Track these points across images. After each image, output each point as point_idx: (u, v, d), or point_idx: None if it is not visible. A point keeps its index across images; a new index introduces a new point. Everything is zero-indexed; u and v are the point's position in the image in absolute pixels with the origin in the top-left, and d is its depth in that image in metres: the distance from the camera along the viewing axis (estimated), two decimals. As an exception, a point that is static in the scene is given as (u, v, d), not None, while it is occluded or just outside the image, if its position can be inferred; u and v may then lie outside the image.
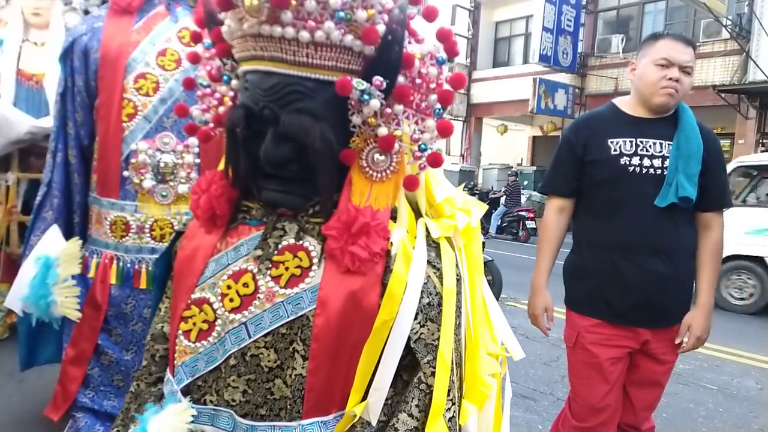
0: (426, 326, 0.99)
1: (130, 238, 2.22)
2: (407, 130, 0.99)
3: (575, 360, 2.15)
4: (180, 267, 1.09)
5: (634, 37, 15.36)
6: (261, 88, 0.95)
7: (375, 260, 0.97)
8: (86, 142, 2.30)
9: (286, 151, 0.95)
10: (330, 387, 0.98)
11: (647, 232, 1.97)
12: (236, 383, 0.99)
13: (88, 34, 2.23)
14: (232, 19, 0.95)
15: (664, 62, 1.95)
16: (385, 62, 0.95)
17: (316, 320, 0.96)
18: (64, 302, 2.04)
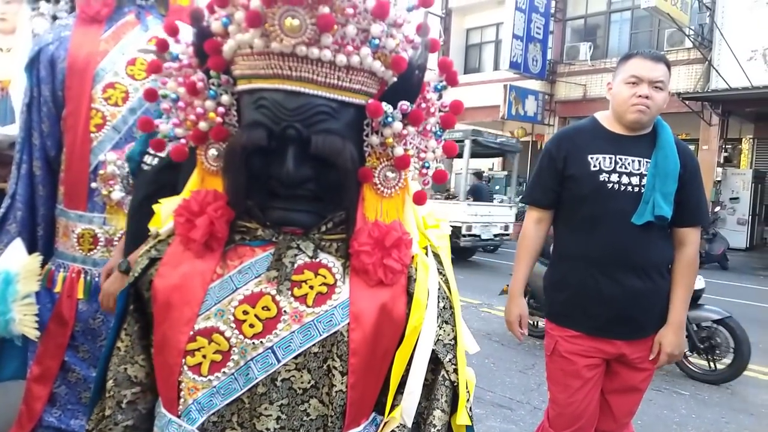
0: (443, 328, 1.06)
1: (98, 251, 2.17)
2: (412, 150, 1.04)
3: (553, 368, 2.18)
4: (169, 297, 1.00)
5: (601, 45, 15.74)
6: (287, 107, 0.93)
7: (404, 271, 1.02)
8: (53, 153, 2.25)
9: (307, 171, 0.94)
10: (366, 399, 1.00)
11: (624, 249, 2.00)
12: (269, 411, 0.96)
13: (55, 43, 2.18)
14: (253, 35, 0.92)
15: (634, 80, 2.00)
16: (407, 88, 0.99)
17: (352, 335, 0.97)
18: (22, 320, 1.99)
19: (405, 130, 1.00)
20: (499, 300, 6.84)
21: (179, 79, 1.04)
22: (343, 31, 0.92)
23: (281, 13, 0.90)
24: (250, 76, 0.97)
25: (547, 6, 15.50)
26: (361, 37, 0.94)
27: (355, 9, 0.92)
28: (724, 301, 7.09)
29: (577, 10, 16.46)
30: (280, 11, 0.90)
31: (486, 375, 4.39)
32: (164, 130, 1.05)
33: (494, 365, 4.70)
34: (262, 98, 0.95)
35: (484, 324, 5.98)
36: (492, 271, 9.47)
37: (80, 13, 2.22)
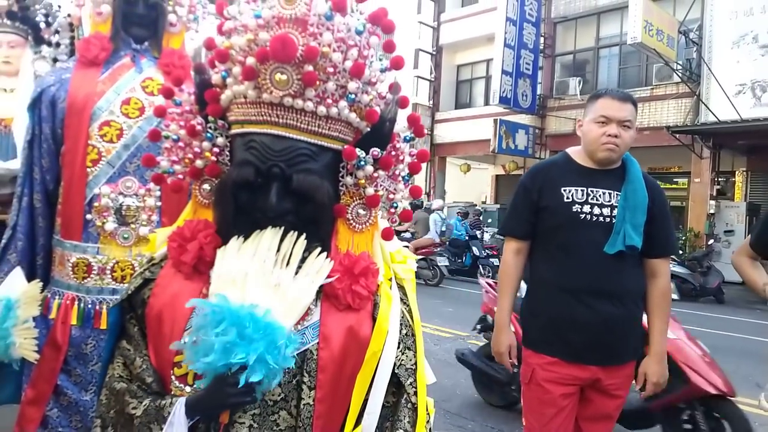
0: (405, 354, 1.19)
1: (91, 279, 2.28)
2: (382, 192, 1.21)
3: (530, 396, 2.26)
4: (159, 313, 1.12)
5: (590, 80, 16.10)
6: (273, 149, 1.09)
7: (370, 298, 1.16)
8: (51, 187, 2.38)
9: (287, 205, 1.10)
10: (333, 414, 1.11)
11: (597, 277, 2.10)
12: (242, 419, 1.06)
13: (56, 85, 2.34)
14: (247, 87, 1.09)
15: (603, 119, 2.11)
16: (378, 137, 1.18)
17: (321, 353, 1.09)
18: (22, 344, 2.09)
19: (376, 173, 1.18)
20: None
21: (180, 122, 1.22)
22: (325, 86, 1.09)
23: (272, 69, 1.07)
24: (243, 121, 1.14)
25: (536, 42, 15.93)
26: (339, 92, 1.12)
27: (335, 68, 1.10)
28: (719, 335, 7.15)
29: (565, 46, 16.90)
30: (271, 67, 1.07)
31: (470, 406, 4.44)
32: (164, 166, 1.24)
33: (479, 396, 4.75)
34: (252, 141, 1.11)
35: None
36: (480, 303, 9.52)
37: (80, 57, 2.39)
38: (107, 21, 2.42)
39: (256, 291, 1.03)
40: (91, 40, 2.38)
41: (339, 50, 1.09)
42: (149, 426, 1.04)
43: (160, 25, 2.48)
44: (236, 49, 1.12)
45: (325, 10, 1.07)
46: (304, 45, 1.07)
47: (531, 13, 15.65)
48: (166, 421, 1.02)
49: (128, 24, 2.41)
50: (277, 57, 1.05)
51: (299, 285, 1.07)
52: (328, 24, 1.08)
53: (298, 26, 1.08)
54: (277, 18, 1.08)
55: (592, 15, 16.02)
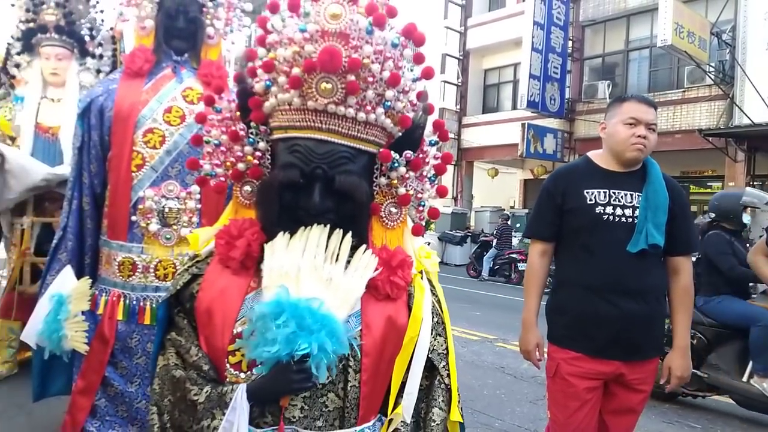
0: (437, 340, 1.30)
1: (136, 277, 2.43)
2: (411, 192, 1.31)
3: (554, 389, 2.32)
4: (209, 307, 1.20)
5: (620, 83, 15.89)
6: (316, 152, 1.18)
7: (406, 288, 1.26)
8: (99, 191, 2.54)
9: (329, 203, 1.18)
10: (375, 395, 1.21)
11: (620, 275, 2.16)
12: (294, 401, 1.14)
13: (104, 95, 2.50)
14: (293, 95, 1.19)
15: (633, 121, 2.18)
16: (410, 141, 1.29)
17: (364, 339, 1.18)
18: (73, 336, 2.24)
19: (407, 174, 1.28)
20: (514, 335, 6.88)
21: (222, 128, 1.32)
22: (364, 94, 1.20)
23: (318, 78, 1.17)
24: (287, 127, 1.23)
25: (564, 46, 15.80)
26: (377, 99, 1.22)
27: (374, 78, 1.20)
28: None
29: (594, 50, 16.72)
30: (317, 77, 1.17)
31: (497, 405, 4.49)
32: (207, 169, 1.34)
33: (505, 396, 4.79)
34: (296, 145, 1.20)
35: (498, 358, 6.07)
36: (507, 307, 9.52)
37: (126, 69, 2.55)
38: (150, 35, 2.58)
39: (310, 285, 1.11)
40: (135, 52, 2.54)
41: (377, 61, 1.18)
42: (212, 411, 1.11)
43: (199, 37, 2.63)
44: (281, 60, 1.20)
45: (366, 26, 1.16)
46: (347, 57, 1.15)
47: (559, 17, 15.55)
48: (228, 406, 1.09)
49: (169, 37, 2.56)
50: (324, 67, 1.14)
51: (350, 279, 1.16)
52: (368, 38, 1.17)
53: (341, 39, 1.17)
54: (321, 32, 1.17)
55: (621, 18, 15.83)
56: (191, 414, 1.15)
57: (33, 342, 2.29)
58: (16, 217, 3.74)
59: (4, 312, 3.83)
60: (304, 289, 1.10)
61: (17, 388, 3.74)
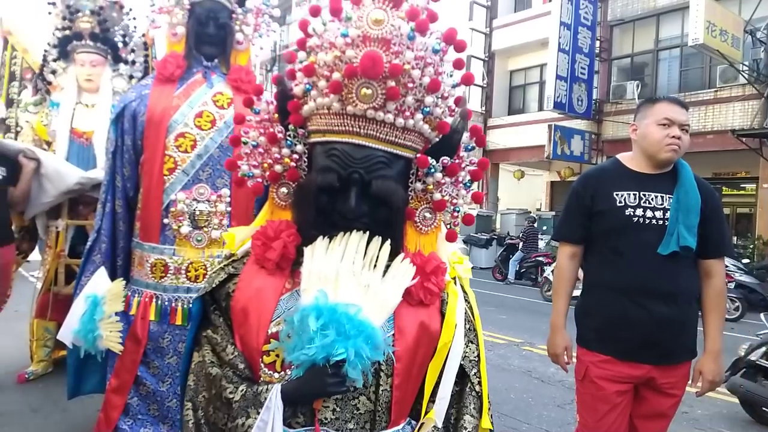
0: (469, 346, 1.28)
1: (168, 278, 2.48)
2: (446, 197, 1.30)
3: (584, 392, 2.30)
4: (245, 306, 1.21)
5: (649, 83, 15.61)
6: (354, 157, 1.18)
7: (440, 294, 1.26)
8: (131, 194, 2.60)
9: (364, 207, 1.19)
10: (406, 399, 1.21)
11: (651, 278, 2.13)
12: (326, 403, 1.15)
13: (137, 100, 2.56)
14: (332, 99, 1.20)
15: (666, 122, 2.16)
16: (447, 146, 1.28)
17: (397, 344, 1.18)
18: (108, 336, 2.30)
19: (443, 179, 1.28)
20: (541, 338, 6.82)
21: (260, 129, 1.33)
22: (404, 100, 1.19)
23: (359, 84, 1.17)
24: (325, 131, 1.23)
25: (592, 46, 15.60)
26: (416, 105, 1.22)
27: (414, 84, 1.19)
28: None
29: (623, 49, 16.47)
30: (357, 82, 1.17)
31: (524, 409, 4.45)
32: (244, 170, 1.35)
33: (532, 400, 4.75)
34: (333, 149, 1.21)
35: (525, 361, 6.02)
36: (534, 311, 9.42)
37: (158, 74, 2.61)
38: (181, 41, 2.63)
39: (348, 290, 1.11)
40: (167, 58, 2.60)
41: (418, 67, 1.17)
42: (247, 410, 1.13)
43: (229, 43, 2.68)
44: (321, 64, 1.20)
45: (407, 31, 1.16)
46: (388, 62, 1.15)
47: (586, 17, 15.35)
48: (263, 405, 1.10)
49: (200, 43, 2.61)
50: (366, 73, 1.14)
51: (388, 287, 1.16)
52: (409, 43, 1.17)
53: (382, 45, 1.16)
54: (363, 37, 1.16)
55: (650, 17, 15.54)
56: (226, 411, 1.16)
57: (69, 341, 2.35)
58: (51, 219, 3.85)
59: (40, 312, 3.95)
60: (342, 294, 1.10)
61: (53, 385, 3.85)
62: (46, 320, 3.91)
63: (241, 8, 2.72)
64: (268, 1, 2.88)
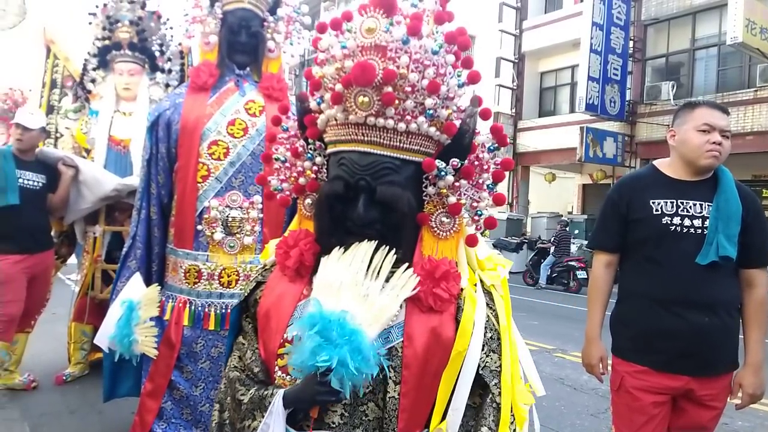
0: (490, 356, 1.25)
1: (201, 284, 2.51)
2: (466, 200, 1.28)
3: (619, 403, 2.24)
4: (267, 311, 1.27)
5: (685, 84, 15.23)
6: (359, 164, 1.21)
7: (452, 301, 1.23)
8: (166, 201, 2.64)
9: (374, 214, 1.21)
10: (417, 409, 1.20)
11: (689, 288, 2.07)
12: (334, 407, 1.17)
13: (171, 109, 2.60)
14: (336, 110, 1.23)
15: (706, 128, 2.10)
16: (458, 148, 1.26)
17: (405, 351, 1.18)
18: (143, 341, 2.33)
19: (458, 182, 1.26)
20: (573, 345, 6.73)
21: (287, 145, 1.38)
22: (404, 104, 1.20)
23: (355, 93, 1.20)
24: (335, 141, 1.27)
25: (625, 47, 15.29)
26: (418, 108, 1.22)
27: (413, 87, 1.20)
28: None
29: (657, 49, 16.11)
30: (354, 91, 1.20)
31: (556, 417, 4.37)
32: (274, 185, 1.39)
33: (565, 408, 4.66)
34: (342, 158, 1.24)
35: (557, 369, 5.91)
36: (566, 317, 9.27)
37: (191, 83, 2.65)
38: (214, 50, 2.67)
39: (348, 299, 1.13)
40: (200, 67, 2.64)
41: (416, 70, 1.18)
42: (253, 413, 1.18)
43: (260, 51, 2.71)
44: (327, 78, 1.25)
45: (401, 36, 1.17)
46: (383, 69, 1.16)
47: (619, 17, 15.05)
48: (267, 409, 1.15)
49: (232, 52, 2.65)
50: (358, 82, 1.16)
51: (385, 297, 1.16)
52: (405, 48, 1.18)
53: (378, 52, 1.18)
54: (360, 47, 1.19)
55: (686, 15, 15.15)
56: (238, 413, 1.21)
57: (105, 345, 2.40)
58: (89, 225, 3.95)
59: (78, 316, 4.05)
60: (342, 302, 1.11)
61: (89, 388, 3.94)
62: (83, 323, 4.02)
63: (272, 16, 2.75)
64: (299, 9, 2.90)
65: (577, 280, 12.60)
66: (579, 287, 12.40)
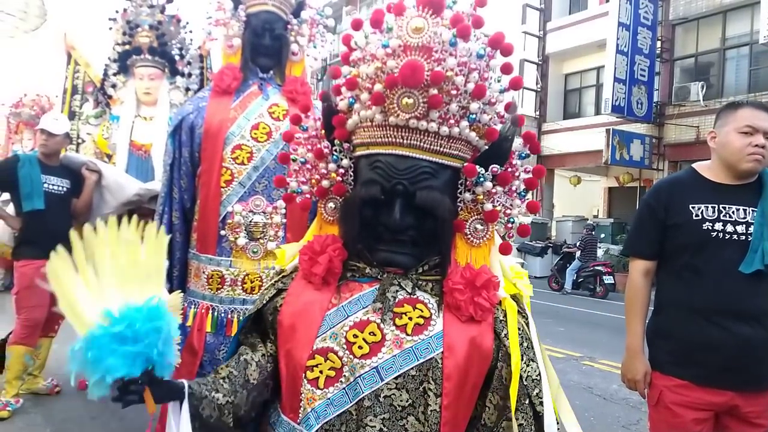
0: (530, 365, 1.19)
1: (224, 290, 2.47)
2: (499, 207, 1.24)
3: (657, 419, 2.13)
4: (293, 320, 1.21)
5: (715, 84, 14.90)
6: (397, 168, 1.17)
7: (491, 310, 1.19)
8: (188, 205, 2.61)
9: (410, 220, 1.16)
10: (458, 421, 1.15)
11: (732, 297, 1.97)
12: (373, 422, 1.12)
13: (194, 113, 2.57)
14: (374, 111, 1.18)
15: (749, 130, 2.01)
16: (497, 154, 1.23)
17: (446, 362, 1.13)
18: None
19: (494, 189, 1.22)
20: (602, 353, 6.58)
21: (308, 146, 1.33)
22: (448, 108, 1.16)
23: (400, 93, 1.15)
24: (369, 143, 1.22)
25: (652, 47, 15.02)
26: (461, 112, 1.17)
27: (457, 91, 1.16)
28: None
29: (686, 49, 15.79)
30: (399, 92, 1.15)
31: (586, 429, 4.20)
32: (293, 187, 1.34)
33: (595, 419, 4.53)
34: (377, 161, 1.19)
35: (585, 377, 5.76)
36: (593, 323, 9.07)
37: (214, 86, 2.61)
38: (237, 53, 2.64)
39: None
40: (224, 70, 2.60)
41: (461, 74, 1.15)
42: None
43: (284, 54, 2.66)
44: (363, 77, 1.20)
45: (449, 38, 1.13)
46: (429, 70, 1.12)
47: (646, 17, 14.78)
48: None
49: (256, 55, 2.61)
50: (406, 82, 1.12)
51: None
52: (451, 50, 1.14)
53: (423, 53, 1.14)
54: (404, 46, 1.15)
55: (716, 14, 14.82)
56: None
57: (128, 352, 2.37)
58: (111, 230, 3.95)
59: (101, 320, 4.04)
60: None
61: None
62: (107, 328, 4.01)
63: (296, 19, 2.71)
64: (322, 11, 2.85)
65: (603, 286, 12.37)
66: (606, 293, 12.19)
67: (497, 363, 1.18)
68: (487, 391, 1.18)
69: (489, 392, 1.18)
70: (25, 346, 3.66)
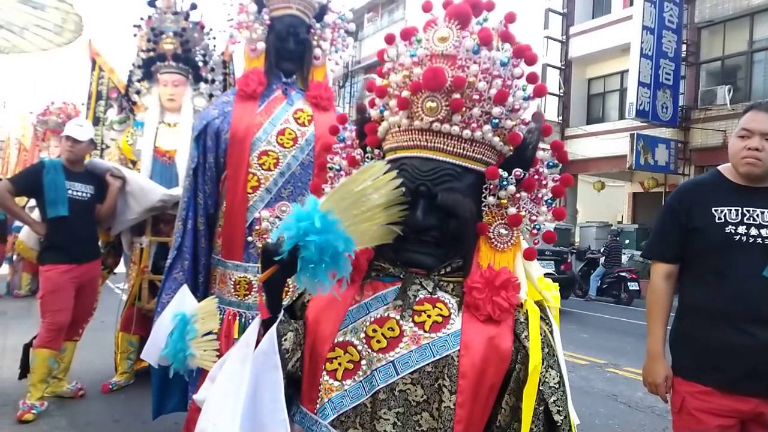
0: (549, 372, 1.18)
1: (252, 296, 2.45)
2: (525, 214, 1.26)
3: (681, 426, 2.09)
4: (317, 315, 1.25)
5: (743, 87, 14.61)
6: (421, 170, 1.20)
7: (511, 311, 1.19)
8: (212, 211, 2.59)
9: (432, 220, 1.19)
10: (473, 420, 1.14)
11: (755, 302, 1.93)
12: (387, 415, 1.14)
13: (220, 118, 2.55)
14: (401, 116, 1.23)
15: (744, 133, 2.00)
16: (520, 160, 1.25)
17: (462, 360, 1.14)
18: (202, 355, 2.26)
19: (518, 194, 1.24)
20: (626, 360, 6.44)
21: (343, 156, 1.38)
22: (470, 112, 1.19)
23: (424, 98, 1.20)
24: (396, 148, 1.26)
25: (677, 50, 14.78)
26: (484, 117, 1.21)
27: (480, 96, 1.20)
28: None
29: (712, 53, 15.52)
30: (423, 97, 1.20)
31: (612, 436, 4.14)
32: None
33: (619, 427, 4.42)
34: (403, 164, 1.22)
35: (609, 384, 5.64)
36: (617, 330, 8.91)
37: (239, 91, 2.59)
38: (260, 57, 2.62)
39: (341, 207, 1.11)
40: (249, 75, 2.58)
41: (484, 80, 1.20)
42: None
43: (307, 59, 2.64)
44: (393, 86, 1.26)
45: (472, 45, 1.19)
46: (452, 76, 1.18)
47: (671, 20, 14.56)
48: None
49: (280, 59, 2.59)
50: (428, 85, 1.18)
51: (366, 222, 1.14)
52: (474, 57, 1.19)
53: (447, 61, 1.20)
54: (430, 55, 1.22)
55: (743, 17, 14.53)
56: None
57: (154, 361, 2.33)
58: (135, 236, 3.98)
59: (125, 326, 4.07)
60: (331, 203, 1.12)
61: (134, 397, 3.96)
62: (130, 334, 4.04)
63: (318, 23, 2.68)
64: (344, 16, 2.83)
65: (628, 292, 12.18)
66: (630, 299, 12.00)
67: (515, 365, 1.17)
68: (504, 393, 1.18)
69: (506, 393, 1.18)
70: (50, 350, 3.68)
